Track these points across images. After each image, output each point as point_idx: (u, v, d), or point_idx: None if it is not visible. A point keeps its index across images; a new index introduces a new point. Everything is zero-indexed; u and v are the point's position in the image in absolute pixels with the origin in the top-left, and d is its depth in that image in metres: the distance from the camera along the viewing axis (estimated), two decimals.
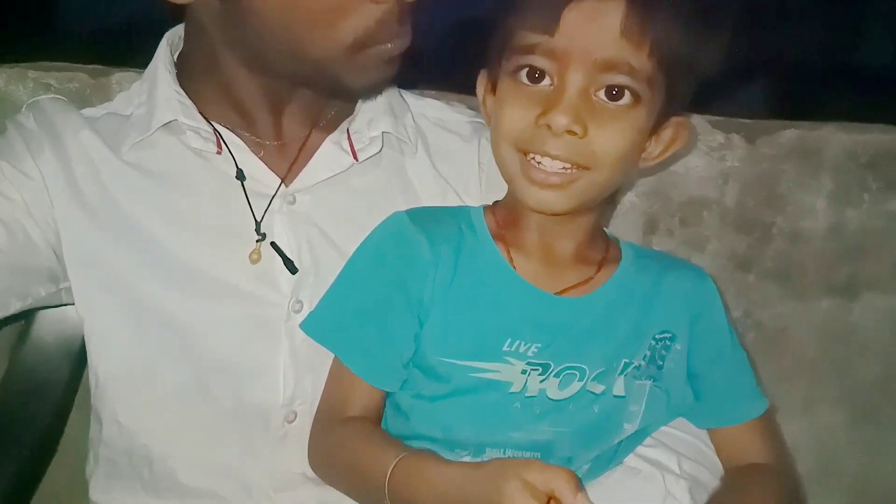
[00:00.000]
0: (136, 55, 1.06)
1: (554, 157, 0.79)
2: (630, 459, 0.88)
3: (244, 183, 0.92)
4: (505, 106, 0.82)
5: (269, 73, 0.91)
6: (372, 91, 0.95)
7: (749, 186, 1.27)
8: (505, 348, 0.83)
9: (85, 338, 0.93)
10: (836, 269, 1.30)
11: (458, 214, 0.90)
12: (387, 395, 0.88)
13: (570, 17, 0.77)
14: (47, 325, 1.02)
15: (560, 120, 0.77)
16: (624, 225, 1.24)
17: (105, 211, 0.92)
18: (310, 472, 0.90)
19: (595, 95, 0.78)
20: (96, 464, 0.96)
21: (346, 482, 0.85)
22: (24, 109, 0.96)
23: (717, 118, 1.28)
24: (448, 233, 0.87)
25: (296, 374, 0.91)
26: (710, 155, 1.26)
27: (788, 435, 1.22)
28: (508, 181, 0.85)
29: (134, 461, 0.93)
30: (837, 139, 1.27)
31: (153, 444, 0.92)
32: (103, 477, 0.96)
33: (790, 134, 1.27)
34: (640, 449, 0.89)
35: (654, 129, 0.83)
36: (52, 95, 0.99)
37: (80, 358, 1.00)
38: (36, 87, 1.14)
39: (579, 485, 0.70)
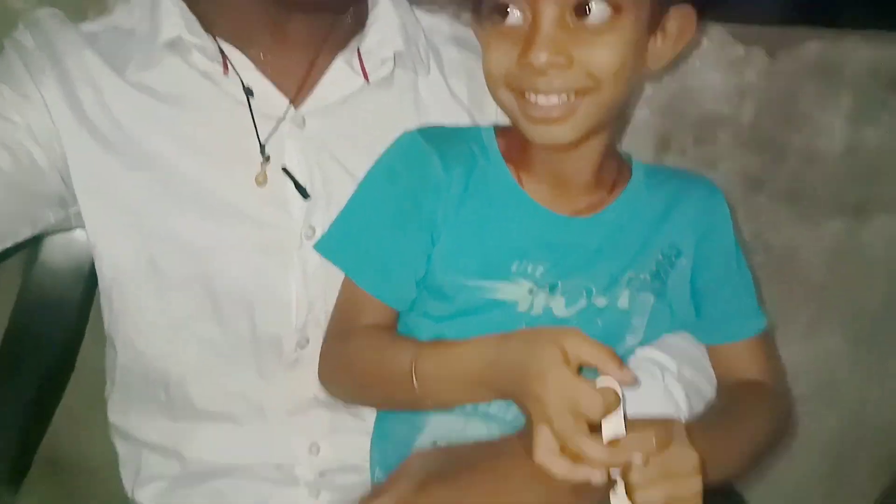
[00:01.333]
0: None
1: (547, 93, 0.77)
2: (630, 360, 0.89)
3: (251, 102, 0.90)
4: (488, 50, 0.80)
5: None
6: (311, 4, 0.90)
7: (766, 104, 1.24)
8: (513, 268, 0.84)
9: (95, 263, 0.92)
10: (850, 190, 1.29)
11: (469, 135, 0.89)
12: (398, 316, 0.88)
13: None
14: (57, 249, 1.01)
15: (539, 57, 0.75)
16: (636, 143, 1.22)
17: (111, 134, 0.89)
18: (322, 396, 0.92)
19: (571, 19, 0.76)
20: (113, 387, 0.98)
21: (365, 382, 0.86)
22: (20, 27, 0.92)
23: (738, 27, 1.23)
24: (460, 153, 0.85)
25: (308, 300, 0.91)
26: (728, 70, 1.22)
27: (791, 355, 1.24)
28: (513, 122, 0.83)
29: (150, 385, 0.94)
30: (860, 55, 1.23)
31: (168, 368, 0.93)
32: (120, 400, 0.98)
33: (812, 46, 1.23)
34: (639, 350, 0.90)
35: (654, 26, 0.80)
36: (49, 9, 0.94)
37: (90, 278, 0.99)
38: None
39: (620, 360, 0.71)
